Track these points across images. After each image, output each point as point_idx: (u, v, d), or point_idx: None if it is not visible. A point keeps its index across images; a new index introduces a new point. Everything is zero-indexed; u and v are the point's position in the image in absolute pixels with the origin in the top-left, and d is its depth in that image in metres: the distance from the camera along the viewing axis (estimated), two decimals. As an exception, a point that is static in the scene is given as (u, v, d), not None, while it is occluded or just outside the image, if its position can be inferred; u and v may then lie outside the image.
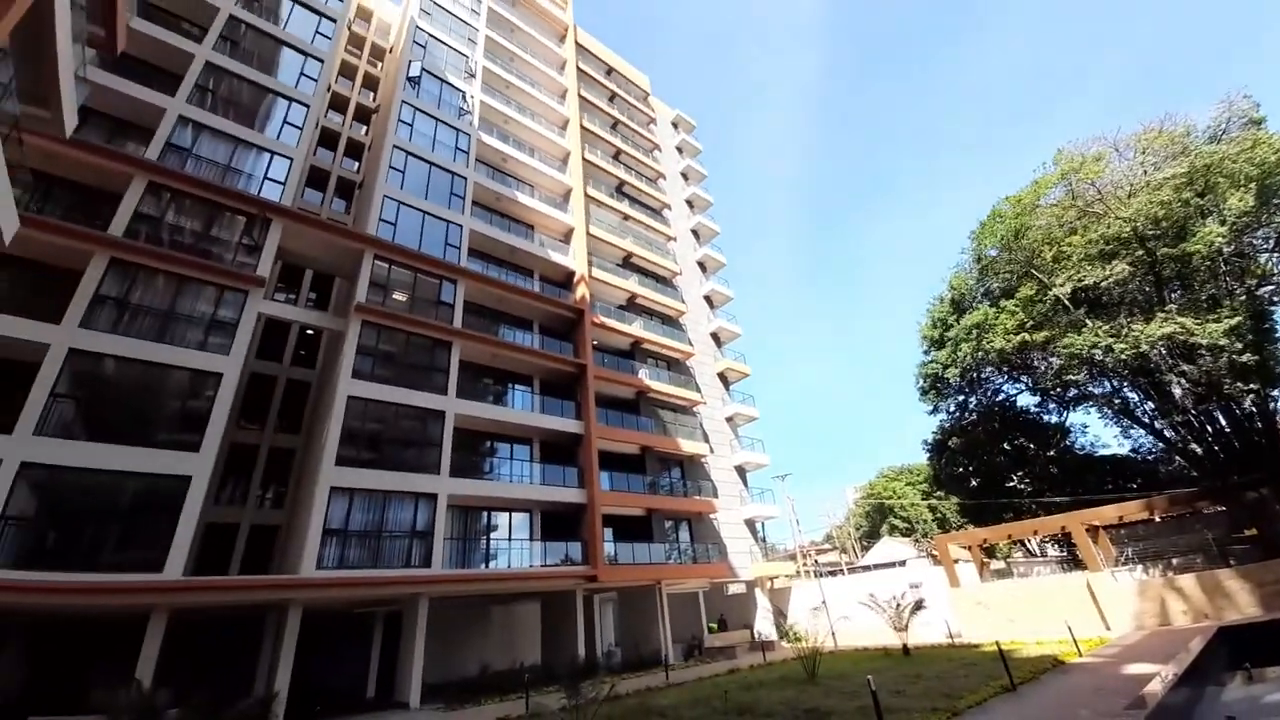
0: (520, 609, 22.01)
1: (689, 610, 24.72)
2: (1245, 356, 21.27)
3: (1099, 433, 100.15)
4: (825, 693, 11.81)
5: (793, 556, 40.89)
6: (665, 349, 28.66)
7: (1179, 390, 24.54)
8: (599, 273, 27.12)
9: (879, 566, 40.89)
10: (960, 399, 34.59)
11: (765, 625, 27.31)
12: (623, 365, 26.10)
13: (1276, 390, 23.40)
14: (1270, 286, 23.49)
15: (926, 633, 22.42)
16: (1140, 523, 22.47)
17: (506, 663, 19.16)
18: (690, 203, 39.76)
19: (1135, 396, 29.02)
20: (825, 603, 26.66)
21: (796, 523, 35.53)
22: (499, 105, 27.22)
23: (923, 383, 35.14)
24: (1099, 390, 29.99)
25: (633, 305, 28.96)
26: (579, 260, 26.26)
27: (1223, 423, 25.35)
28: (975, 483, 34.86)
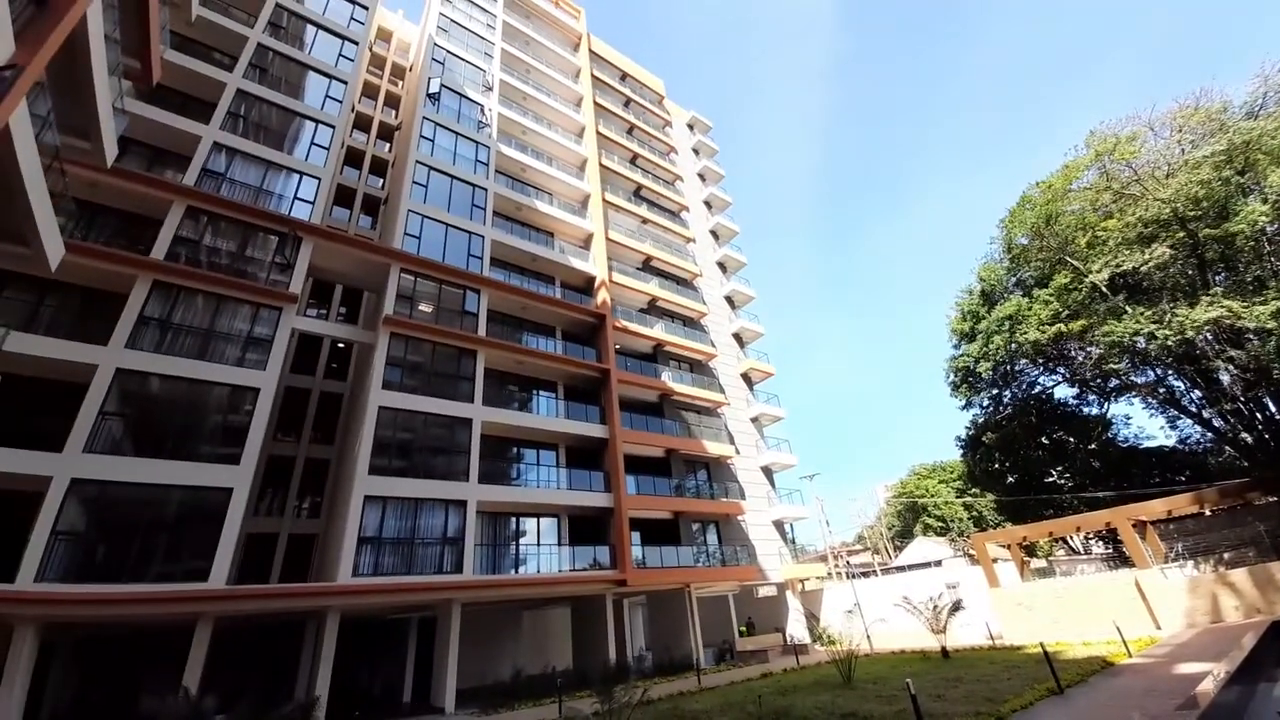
0: (551, 613, 22.16)
1: (719, 613, 24.52)
2: (1295, 340, 20.17)
3: (1143, 424, 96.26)
4: (862, 697, 11.58)
5: (823, 558, 40.24)
6: (687, 351, 28.61)
7: (1227, 377, 23.39)
8: (619, 277, 27.24)
9: (913, 567, 40.00)
10: (994, 393, 33.52)
11: (797, 628, 26.90)
12: (645, 369, 26.11)
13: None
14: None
15: (966, 634, 21.82)
16: (1189, 517, 21.50)
17: (538, 667, 19.29)
18: (708, 203, 39.65)
19: (1181, 385, 27.74)
20: (859, 605, 26.16)
21: (826, 523, 34.98)
22: (516, 116, 27.61)
23: (953, 377, 34.23)
24: (1142, 380, 28.75)
25: (654, 308, 28.99)
26: (599, 265, 26.42)
27: (1274, 410, 24.06)
28: (1012, 479, 33.74)
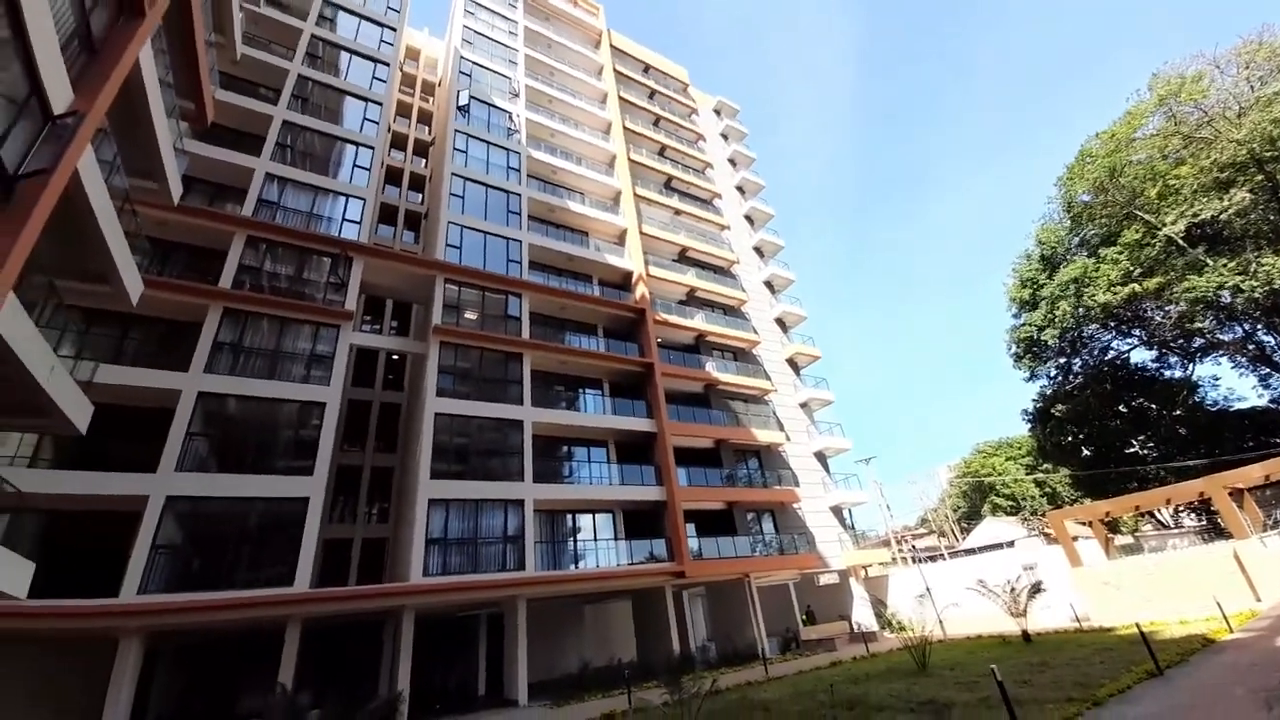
0: (612, 607, 22.43)
1: (781, 602, 24.18)
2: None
3: (1233, 384, 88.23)
4: (940, 684, 11.18)
5: (886, 543, 39.04)
6: (730, 339, 28.26)
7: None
8: (656, 270, 27.16)
9: (984, 549, 38.25)
10: (1061, 362, 31.63)
11: (863, 615, 26.24)
12: (689, 360, 25.98)
13: None
14: None
15: (1047, 617, 20.69)
16: (1294, 481, 19.70)
17: (604, 659, 19.60)
18: (741, 189, 38.93)
19: (1272, 340, 25.42)
20: (929, 590, 25.25)
21: (887, 507, 33.85)
22: (543, 120, 27.89)
23: (1016, 348, 32.49)
24: (1229, 336, 26.50)
25: (693, 299, 28.76)
26: (635, 260, 26.42)
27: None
28: (1089, 452, 31.76)
